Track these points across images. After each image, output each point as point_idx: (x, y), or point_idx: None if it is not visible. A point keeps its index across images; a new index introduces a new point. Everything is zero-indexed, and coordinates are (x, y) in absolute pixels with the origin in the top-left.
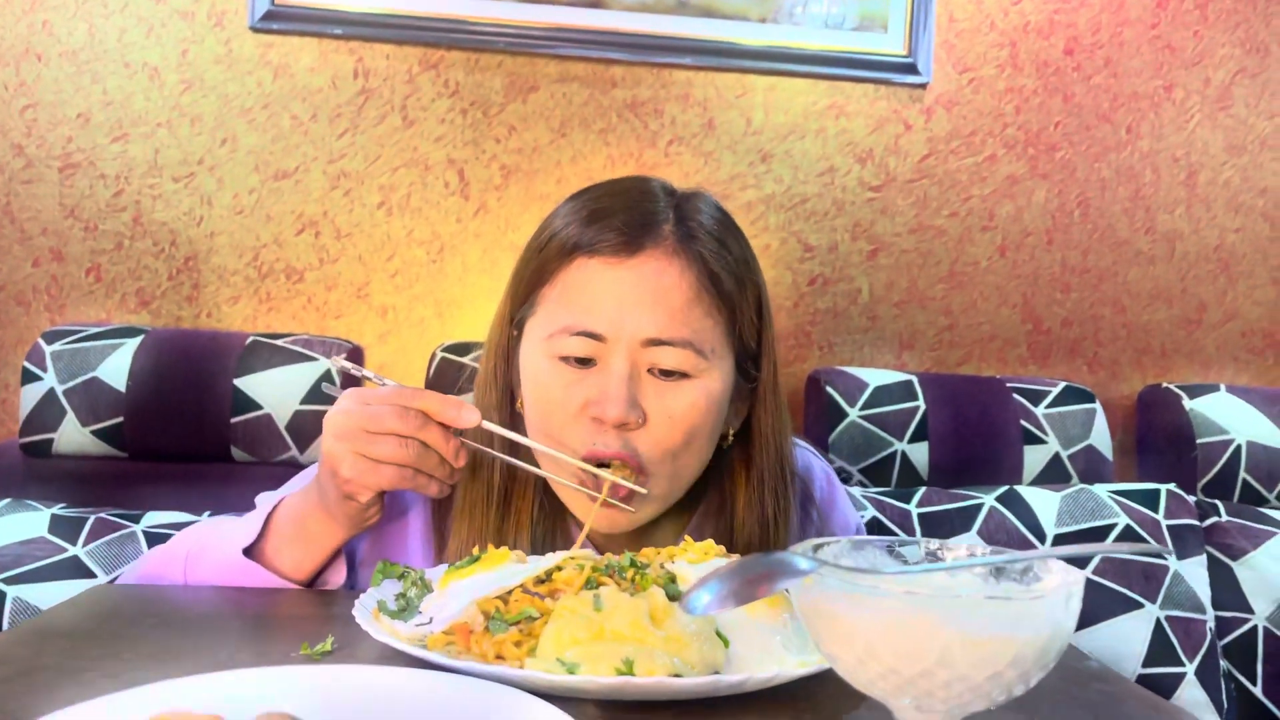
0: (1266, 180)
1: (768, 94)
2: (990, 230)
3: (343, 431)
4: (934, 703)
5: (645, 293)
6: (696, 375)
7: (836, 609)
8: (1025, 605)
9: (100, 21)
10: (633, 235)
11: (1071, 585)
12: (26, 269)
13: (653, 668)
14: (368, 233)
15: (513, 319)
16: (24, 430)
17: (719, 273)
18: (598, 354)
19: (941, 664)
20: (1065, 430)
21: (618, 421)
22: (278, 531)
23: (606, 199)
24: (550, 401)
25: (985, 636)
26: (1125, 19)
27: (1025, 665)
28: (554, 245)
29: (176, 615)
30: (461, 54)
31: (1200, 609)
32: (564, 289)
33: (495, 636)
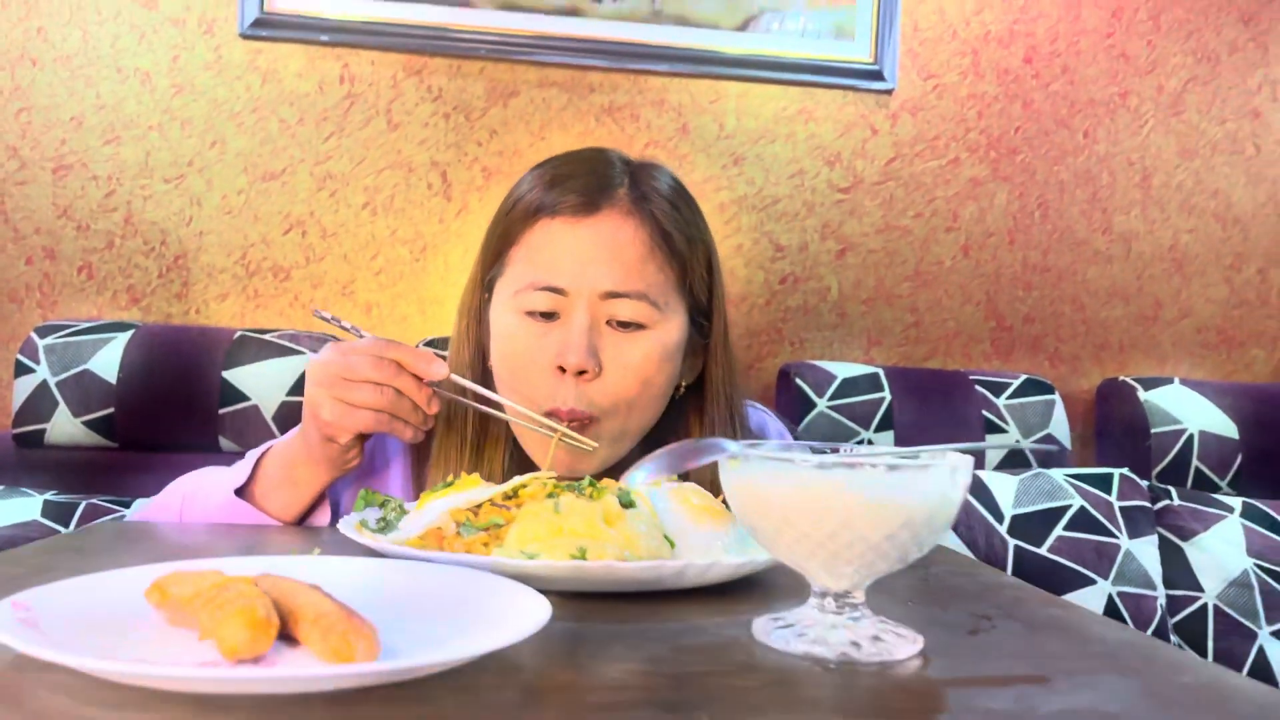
0: (1218, 183)
1: (740, 100)
2: (954, 230)
3: (323, 379)
4: (840, 564)
5: (603, 249)
6: (651, 326)
7: (758, 482)
8: (915, 474)
9: (94, 28)
10: (591, 197)
11: (957, 463)
12: (20, 267)
13: (604, 555)
14: (353, 232)
15: (483, 281)
16: (17, 421)
17: (671, 231)
18: (560, 307)
19: (845, 526)
20: (1025, 420)
21: (578, 368)
22: (266, 476)
23: (566, 166)
24: (517, 354)
25: (881, 500)
26: (1082, 29)
27: (916, 528)
28: (519, 209)
29: (175, 538)
30: (444, 60)
31: (1151, 586)
32: (529, 248)
33: (465, 539)
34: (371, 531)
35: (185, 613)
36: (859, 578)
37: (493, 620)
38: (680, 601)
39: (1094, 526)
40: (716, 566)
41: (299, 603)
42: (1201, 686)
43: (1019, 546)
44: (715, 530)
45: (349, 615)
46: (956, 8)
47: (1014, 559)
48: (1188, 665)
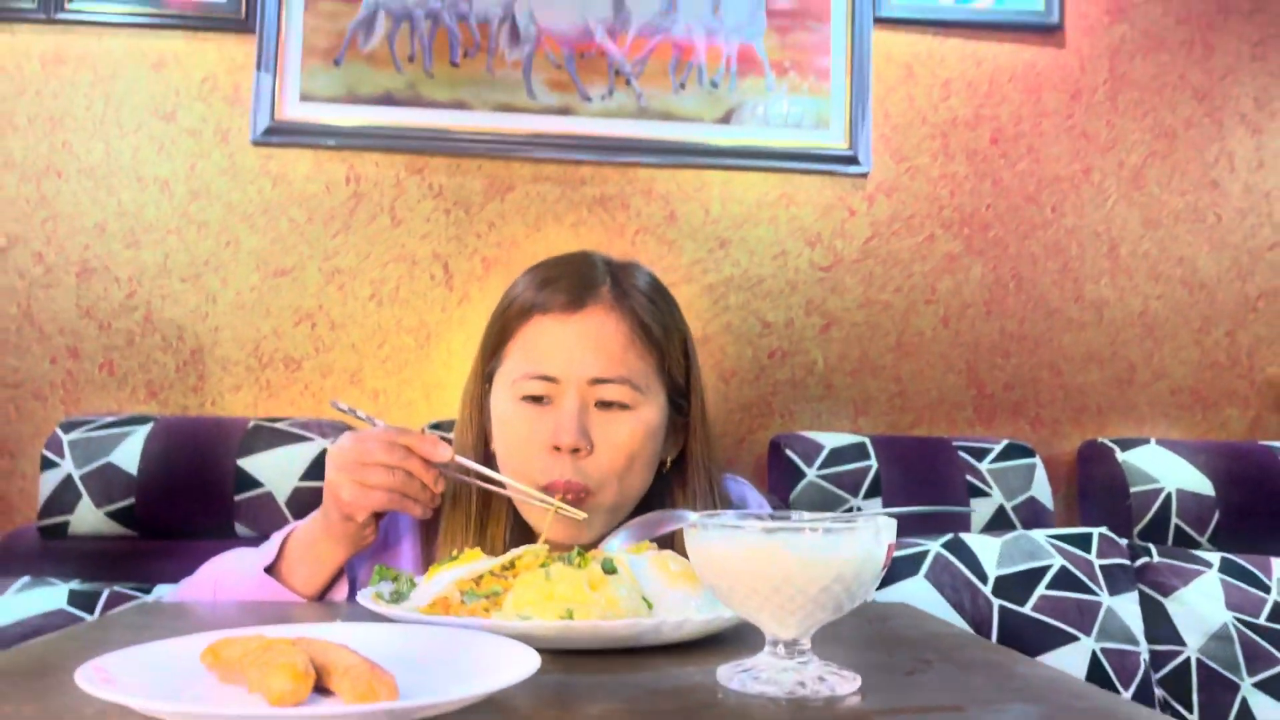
0: (1182, 250)
1: (723, 187)
2: (933, 303)
3: (342, 463)
4: (786, 615)
5: (588, 340)
6: (635, 407)
7: (714, 545)
8: (843, 535)
9: (116, 141)
10: (576, 295)
11: (880, 524)
12: (45, 366)
13: (589, 616)
14: (360, 323)
15: (483, 373)
16: (43, 513)
17: (649, 323)
18: (552, 393)
19: (786, 581)
20: (1008, 483)
21: (571, 447)
22: (291, 554)
23: (555, 269)
24: (516, 436)
25: (815, 559)
26: (1043, 111)
27: (847, 581)
28: (514, 308)
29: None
30: (444, 159)
31: (1133, 641)
32: (523, 343)
33: (469, 606)
34: (386, 602)
35: (235, 671)
36: (803, 627)
37: (491, 670)
38: (656, 655)
39: (1075, 585)
40: (688, 623)
41: (331, 658)
42: (1095, 710)
43: (1003, 606)
44: (689, 593)
45: (372, 667)
46: (925, 96)
47: (999, 618)
48: (1089, 694)
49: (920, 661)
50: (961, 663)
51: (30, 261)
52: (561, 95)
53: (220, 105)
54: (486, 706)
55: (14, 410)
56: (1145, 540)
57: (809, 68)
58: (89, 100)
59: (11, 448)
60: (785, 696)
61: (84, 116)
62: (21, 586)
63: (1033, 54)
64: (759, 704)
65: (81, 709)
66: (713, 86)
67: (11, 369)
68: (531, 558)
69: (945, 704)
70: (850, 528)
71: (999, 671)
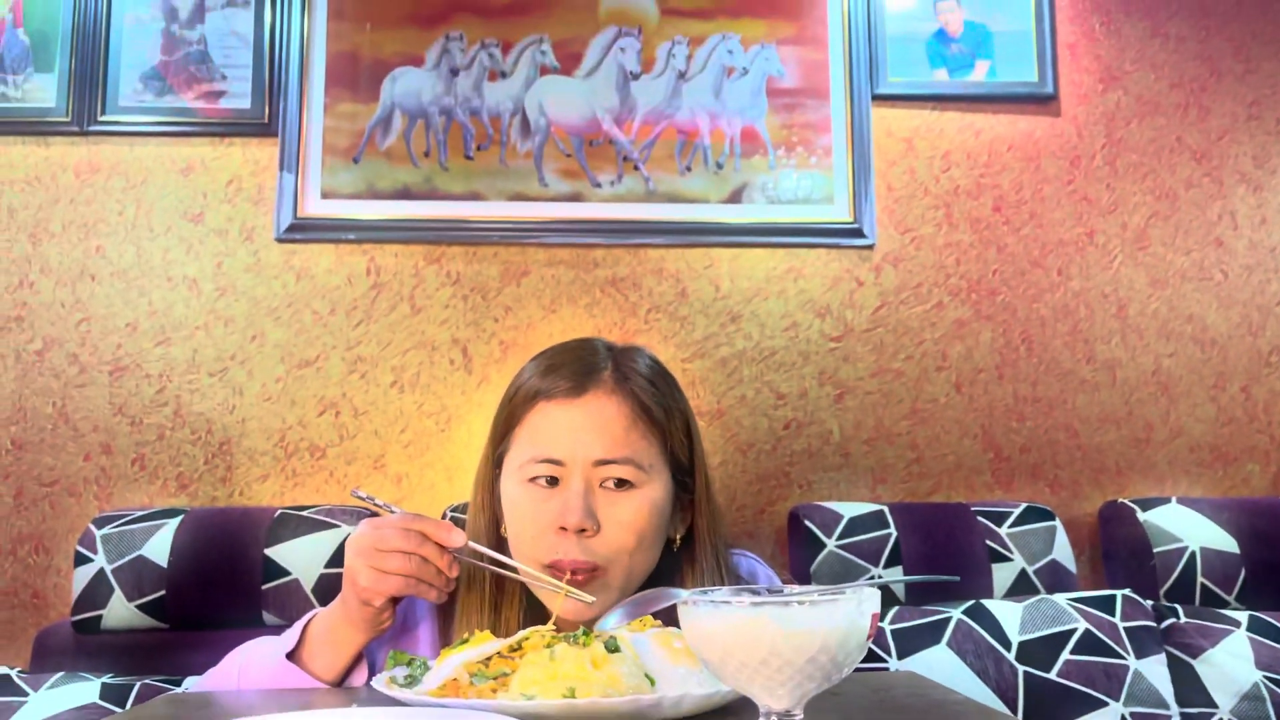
0: (1190, 308)
1: (732, 263)
2: (945, 370)
3: (359, 550)
4: (776, 686)
5: (592, 424)
6: (639, 486)
7: (704, 621)
8: (827, 607)
9: (146, 244)
10: (579, 381)
11: (864, 594)
12: (79, 464)
13: (591, 694)
14: (382, 409)
15: (493, 458)
16: (76, 609)
17: (650, 404)
18: (559, 475)
19: (773, 653)
20: (1029, 547)
21: (577, 528)
22: (312, 640)
23: (558, 356)
24: (525, 519)
25: (799, 629)
26: (1044, 178)
27: (832, 651)
28: (520, 395)
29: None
30: (461, 248)
31: (1163, 705)
32: (530, 429)
33: (477, 687)
34: (400, 686)
35: None
36: (794, 697)
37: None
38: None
39: (1100, 649)
40: (687, 698)
41: None
42: None
43: (1028, 673)
44: (690, 669)
45: None
46: (926, 168)
47: (1024, 685)
48: None
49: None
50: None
51: (65, 362)
52: (572, 182)
53: (245, 205)
54: None
55: (49, 507)
56: (1172, 600)
57: (811, 145)
58: (121, 206)
59: (47, 544)
60: None
61: (116, 222)
62: (55, 682)
63: (1029, 123)
64: None
65: None
66: (718, 167)
67: (47, 468)
68: (538, 638)
69: None
70: (833, 600)
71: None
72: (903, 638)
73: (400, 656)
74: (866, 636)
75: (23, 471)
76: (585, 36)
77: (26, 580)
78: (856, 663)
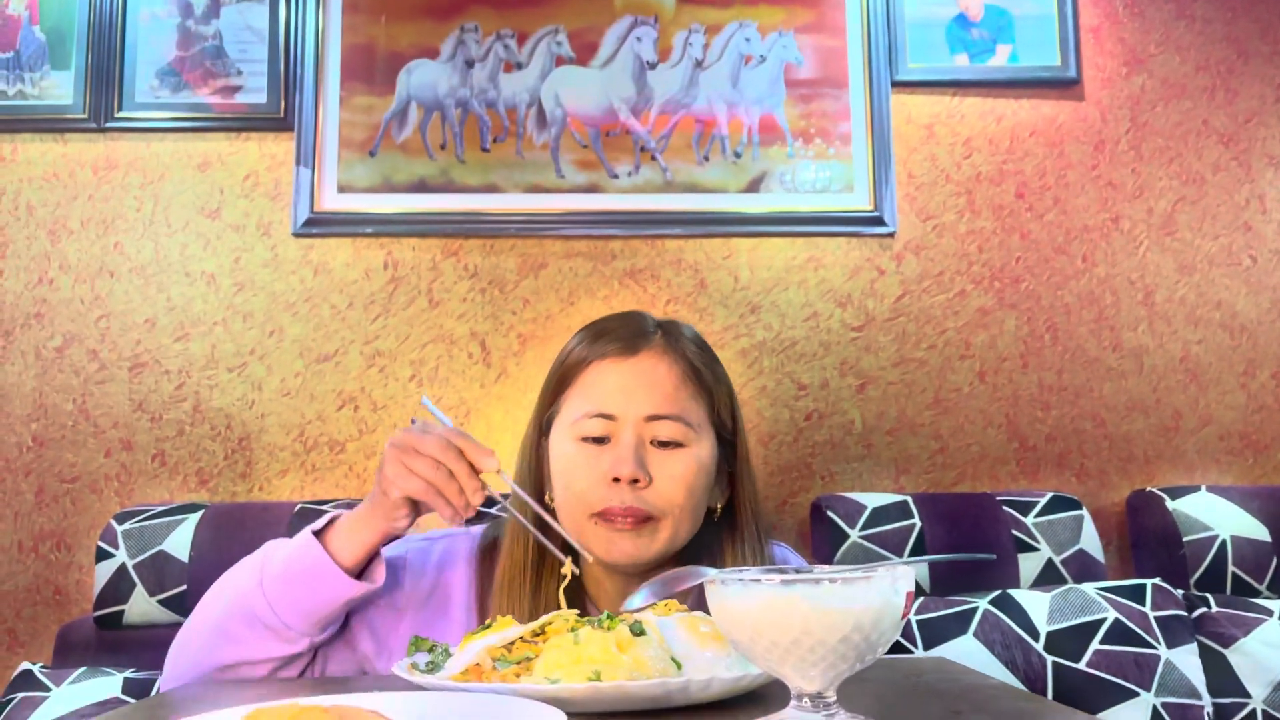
0: (1219, 294)
1: (751, 253)
2: (968, 359)
3: (396, 443)
4: (807, 667)
5: (644, 381)
6: (688, 444)
7: (732, 600)
8: (861, 585)
9: (164, 240)
10: (631, 342)
11: (898, 572)
12: (99, 460)
13: (617, 677)
14: (401, 404)
15: (540, 425)
16: (98, 604)
17: (699, 367)
18: (610, 431)
19: (805, 633)
20: (1055, 536)
21: (630, 478)
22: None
23: (608, 323)
24: (575, 472)
25: (833, 608)
26: (1068, 163)
27: (865, 630)
28: (572, 359)
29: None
30: (478, 241)
31: (1195, 695)
32: (582, 388)
33: (500, 672)
34: (421, 672)
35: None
36: (827, 679)
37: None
38: (685, 715)
39: (1131, 638)
40: (715, 682)
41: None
42: None
43: (1057, 663)
44: (718, 653)
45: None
46: (947, 154)
47: (1053, 675)
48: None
49: (951, 713)
50: (995, 713)
51: (85, 359)
52: (589, 174)
53: (262, 200)
54: None
55: (70, 504)
56: (1202, 590)
57: (831, 133)
58: (139, 202)
59: (69, 541)
60: None
61: (134, 218)
62: (78, 677)
63: (1052, 108)
64: None
65: None
66: (736, 157)
67: (69, 464)
68: (561, 623)
69: None
70: (867, 577)
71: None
72: (929, 628)
73: (422, 643)
74: (902, 615)
75: (44, 468)
76: (601, 26)
77: (49, 577)
78: (890, 642)
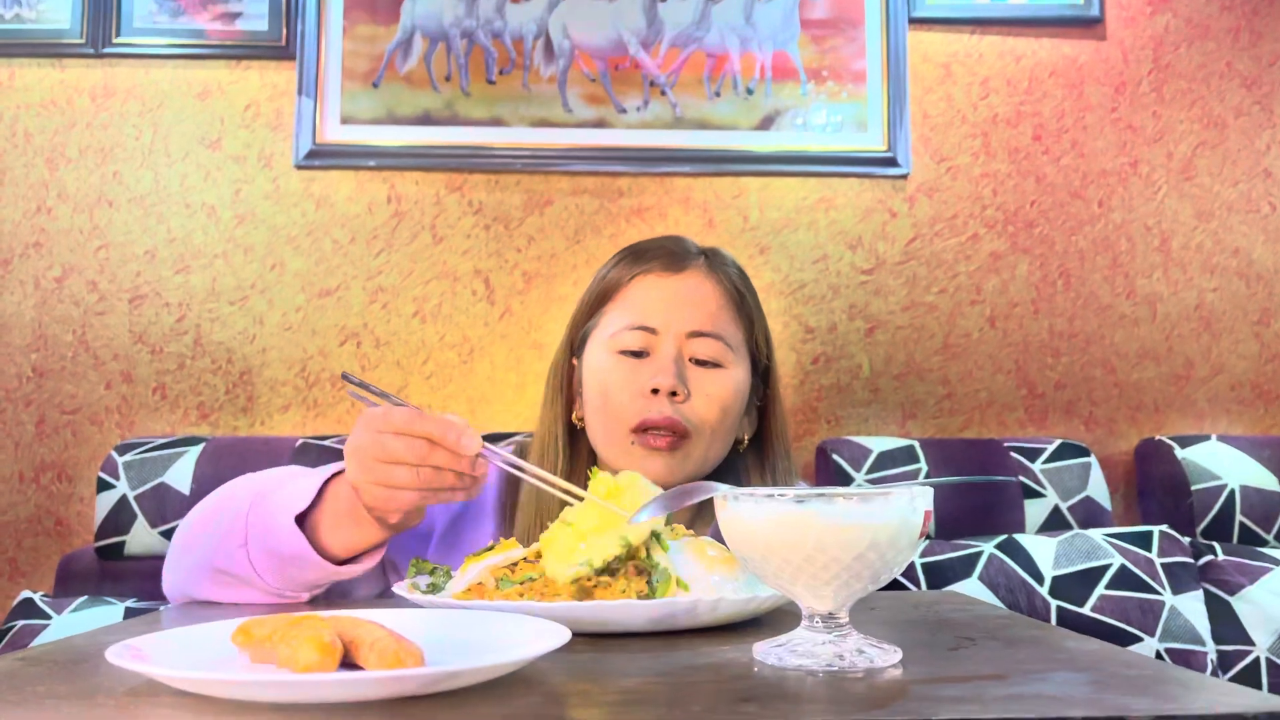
0: (1237, 242)
1: (761, 193)
2: (979, 304)
3: (360, 463)
4: (820, 586)
5: (687, 297)
6: (726, 366)
7: (743, 516)
8: (879, 502)
9: (164, 170)
10: (675, 260)
11: (916, 491)
12: (100, 391)
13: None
14: (404, 340)
15: (572, 344)
16: (99, 534)
17: (742, 291)
18: (650, 345)
19: (819, 549)
20: (1063, 483)
21: (670, 389)
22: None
23: (651, 242)
24: (612, 384)
25: (849, 525)
26: (1086, 105)
27: (882, 549)
28: (614, 274)
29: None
30: (483, 176)
31: (1199, 641)
32: (624, 300)
33: (503, 591)
34: (422, 593)
35: (265, 649)
36: (840, 598)
37: (521, 645)
38: (692, 635)
39: (1136, 584)
40: (723, 603)
41: (359, 632)
42: (1144, 677)
43: (1061, 607)
44: (726, 577)
45: (399, 638)
46: (963, 94)
47: (1057, 619)
48: (1138, 663)
49: (964, 639)
50: (1007, 640)
51: (85, 290)
52: (597, 108)
53: (263, 131)
54: (518, 680)
55: (71, 435)
56: (1209, 539)
57: (845, 71)
58: (138, 131)
59: (70, 472)
60: (823, 669)
61: (133, 147)
62: (79, 605)
63: (1073, 48)
64: (796, 677)
65: (114, 688)
66: (748, 94)
67: (69, 395)
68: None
69: (987, 673)
70: (885, 494)
71: (1046, 646)
72: (934, 571)
73: (423, 565)
74: (919, 535)
75: (44, 399)
76: None
77: (50, 507)
78: (906, 564)
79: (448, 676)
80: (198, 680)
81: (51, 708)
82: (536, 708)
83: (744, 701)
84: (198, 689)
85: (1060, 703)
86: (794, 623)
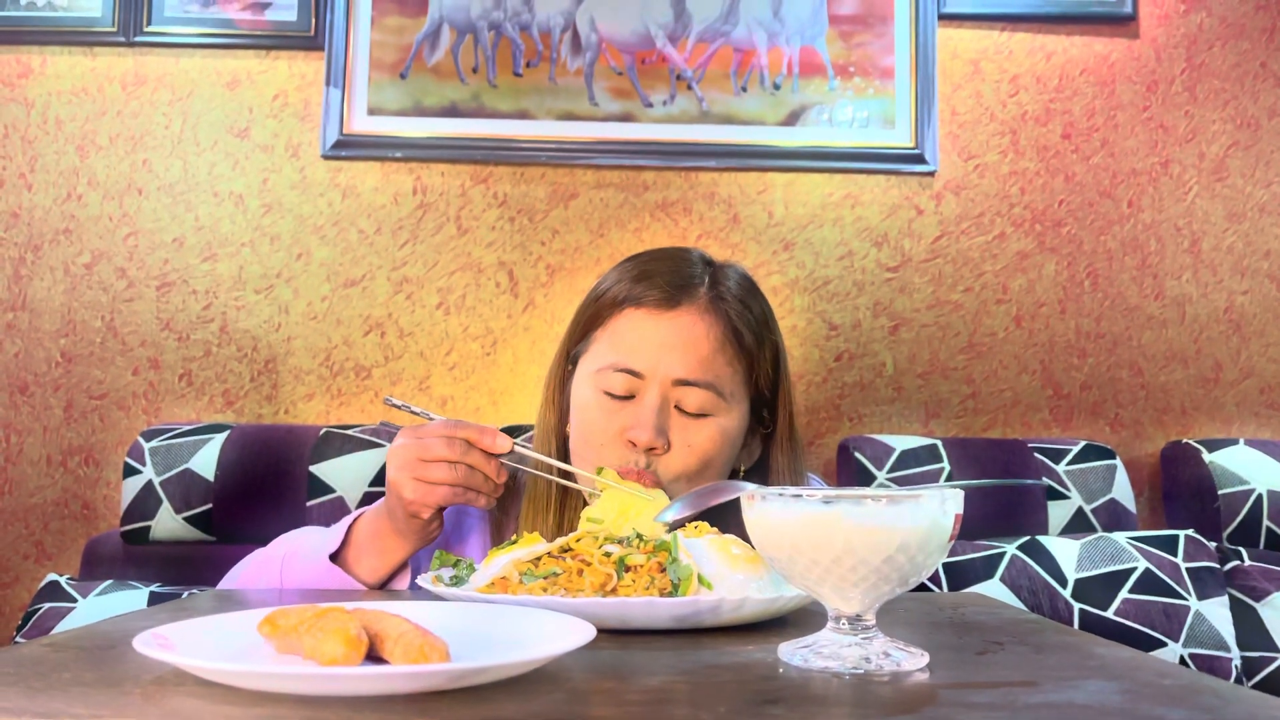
0: (1269, 244)
1: (787, 189)
2: (1005, 303)
3: (402, 462)
4: (848, 587)
5: (678, 341)
6: (715, 414)
7: (771, 515)
8: (909, 504)
9: (193, 158)
10: (672, 293)
11: (947, 494)
12: (127, 377)
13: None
14: (428, 331)
15: (568, 355)
16: (125, 519)
17: (741, 329)
18: (635, 389)
19: (847, 551)
20: (1087, 485)
21: (647, 445)
22: (357, 544)
23: (653, 263)
24: (592, 426)
25: (878, 527)
26: (1118, 104)
27: (911, 551)
28: (608, 297)
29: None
30: (508, 168)
31: (1224, 647)
32: (613, 332)
33: (527, 585)
34: (446, 586)
35: (291, 640)
36: (867, 600)
37: (545, 641)
38: (717, 634)
39: (1161, 588)
40: (748, 603)
41: (384, 626)
42: (1178, 687)
43: (1084, 610)
44: (750, 575)
45: (425, 633)
46: (992, 91)
47: (1079, 623)
48: (1172, 673)
49: (992, 644)
50: (1037, 645)
51: (114, 276)
52: (623, 102)
53: (291, 121)
54: (542, 677)
55: (99, 420)
56: (1235, 544)
57: (873, 68)
58: (167, 119)
59: (96, 456)
60: (849, 672)
61: (163, 135)
62: (104, 589)
63: (1105, 46)
64: (821, 679)
65: (140, 675)
66: (775, 89)
67: (97, 380)
68: (590, 540)
69: (1017, 680)
70: (914, 496)
71: (1076, 652)
72: (955, 571)
73: (446, 557)
74: (949, 538)
75: (73, 384)
76: None
77: (76, 491)
78: (934, 567)
79: (473, 673)
80: (224, 671)
81: (78, 695)
82: (560, 705)
83: (769, 703)
84: (224, 679)
85: (1093, 712)
86: (819, 623)
